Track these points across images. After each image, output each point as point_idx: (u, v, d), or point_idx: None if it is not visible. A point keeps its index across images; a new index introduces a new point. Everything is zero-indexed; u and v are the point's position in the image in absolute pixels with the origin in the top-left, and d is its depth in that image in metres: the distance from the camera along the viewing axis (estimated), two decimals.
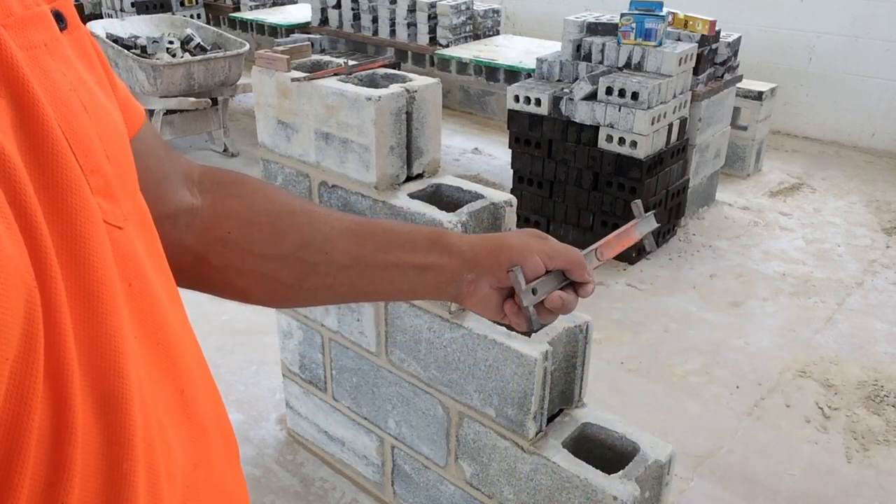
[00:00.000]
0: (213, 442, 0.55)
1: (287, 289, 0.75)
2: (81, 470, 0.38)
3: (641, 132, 3.22)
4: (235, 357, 2.77)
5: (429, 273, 0.74)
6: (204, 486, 0.53)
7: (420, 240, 0.75)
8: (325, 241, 0.74)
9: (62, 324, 0.37)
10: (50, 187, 0.38)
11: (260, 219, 0.73)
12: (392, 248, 0.74)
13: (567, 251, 0.76)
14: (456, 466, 1.79)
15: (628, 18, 3.37)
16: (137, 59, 4.11)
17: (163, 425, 0.47)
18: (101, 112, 0.47)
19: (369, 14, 5.34)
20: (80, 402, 0.38)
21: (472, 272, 0.73)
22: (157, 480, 0.44)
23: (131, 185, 0.51)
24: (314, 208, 0.77)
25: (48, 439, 0.36)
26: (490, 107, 5.61)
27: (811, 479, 2.27)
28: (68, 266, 0.38)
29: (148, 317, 0.48)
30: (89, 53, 0.51)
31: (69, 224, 0.39)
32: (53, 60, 0.43)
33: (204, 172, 0.74)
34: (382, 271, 0.74)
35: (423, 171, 1.79)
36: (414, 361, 1.80)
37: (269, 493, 2.20)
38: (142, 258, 0.48)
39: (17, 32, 0.40)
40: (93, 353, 0.39)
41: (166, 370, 0.50)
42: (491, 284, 0.74)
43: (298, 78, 1.78)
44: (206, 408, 0.55)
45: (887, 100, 4.92)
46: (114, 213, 0.45)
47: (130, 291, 0.46)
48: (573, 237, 3.65)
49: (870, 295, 3.29)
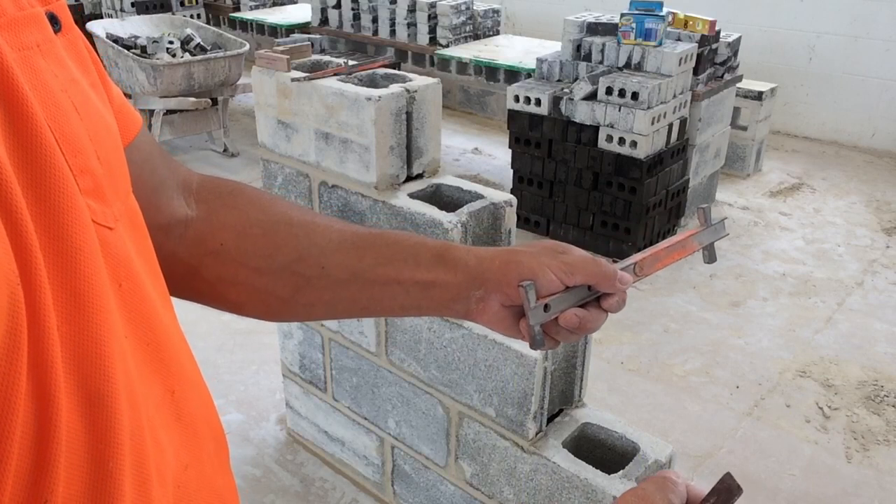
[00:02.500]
0: (203, 443, 0.55)
1: (282, 303, 0.72)
2: (66, 468, 0.38)
3: (641, 132, 3.22)
4: (235, 357, 2.77)
5: (433, 290, 0.69)
6: (195, 486, 0.53)
7: (424, 254, 0.70)
8: (322, 255, 0.70)
9: (47, 321, 0.37)
10: (37, 186, 0.38)
11: (254, 231, 0.71)
12: (393, 263, 0.70)
13: (588, 264, 0.68)
14: (456, 466, 1.79)
15: (628, 18, 3.37)
16: (137, 59, 4.10)
17: (154, 426, 0.47)
18: (92, 113, 0.47)
19: (369, 14, 5.34)
20: (65, 400, 0.38)
21: (481, 289, 0.68)
22: (146, 480, 0.44)
23: (123, 187, 0.51)
24: (314, 219, 0.74)
25: (31, 436, 0.36)
26: (490, 107, 5.61)
27: (811, 479, 2.27)
28: (54, 265, 0.38)
29: (138, 317, 0.48)
30: (83, 56, 0.51)
31: (56, 223, 0.39)
32: (46, 61, 0.43)
33: (202, 182, 0.73)
34: (383, 287, 0.70)
35: (423, 171, 1.79)
36: (414, 361, 1.80)
37: (269, 493, 2.20)
38: (132, 259, 0.48)
39: (9, 33, 0.40)
40: (78, 351, 0.39)
41: (157, 370, 0.50)
42: (501, 302, 0.68)
43: (298, 78, 1.78)
44: (197, 408, 0.55)
45: (887, 100, 4.92)
46: (104, 213, 0.45)
47: (121, 292, 0.46)
48: (573, 237, 3.65)
49: (870, 295, 3.29)
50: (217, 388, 2.58)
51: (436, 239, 0.72)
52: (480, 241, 1.64)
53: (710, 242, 0.76)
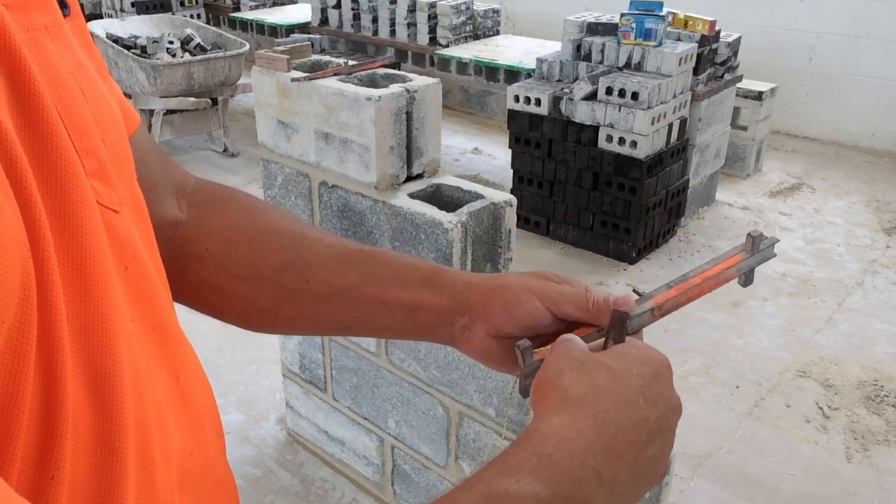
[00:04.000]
0: (206, 430, 0.55)
1: (263, 313, 0.70)
2: (72, 445, 0.38)
3: (641, 132, 3.22)
4: (235, 357, 2.77)
5: (418, 313, 0.65)
6: (199, 472, 0.53)
7: (413, 275, 0.66)
8: (307, 268, 0.67)
9: (54, 296, 0.37)
10: (43, 164, 0.38)
11: (239, 238, 0.69)
12: (379, 282, 0.66)
13: (578, 297, 0.61)
14: (456, 466, 1.79)
15: (628, 18, 3.37)
16: (137, 59, 4.11)
17: (160, 409, 0.47)
18: (98, 97, 0.47)
19: (369, 14, 5.34)
20: (72, 377, 0.38)
21: (465, 315, 0.63)
22: (150, 462, 0.44)
23: (128, 172, 0.51)
24: (303, 231, 0.71)
25: (39, 411, 0.36)
26: (490, 107, 5.61)
27: (811, 479, 2.27)
28: (60, 242, 0.39)
29: (145, 300, 0.48)
30: (90, 42, 0.51)
31: (62, 201, 0.39)
32: (53, 43, 0.43)
33: (197, 186, 0.72)
34: (367, 306, 0.66)
35: (423, 171, 1.79)
36: (414, 361, 1.80)
37: (269, 493, 2.20)
38: (137, 243, 0.48)
39: (18, 13, 0.40)
40: (85, 329, 0.40)
41: (163, 354, 0.50)
42: (487, 331, 0.63)
43: (298, 78, 1.78)
44: (200, 396, 0.55)
45: (887, 100, 4.92)
46: (109, 196, 0.45)
47: (127, 274, 0.46)
48: (573, 237, 3.65)
49: (870, 295, 3.29)
50: (217, 388, 2.58)
51: (427, 261, 0.68)
52: (480, 241, 1.64)
53: (752, 268, 0.66)
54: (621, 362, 0.53)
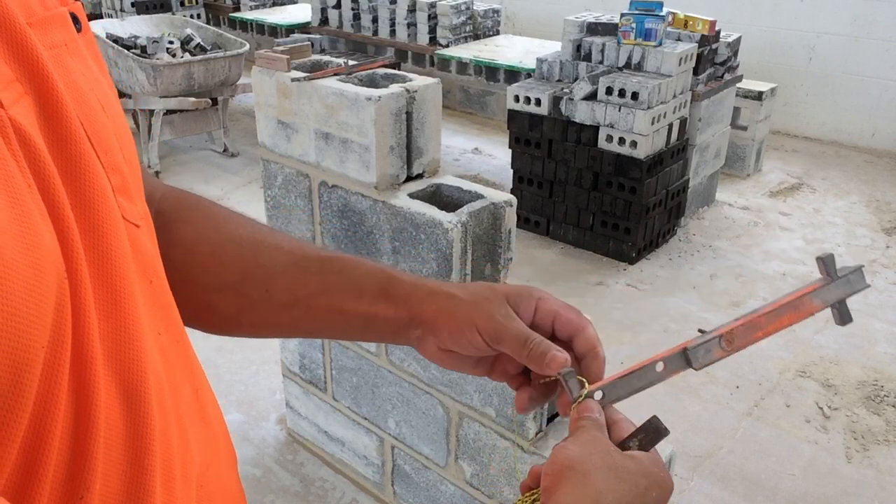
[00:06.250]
0: (220, 443, 0.56)
1: (226, 321, 0.70)
2: (104, 463, 0.38)
3: (641, 132, 3.22)
4: (235, 357, 2.77)
5: (374, 324, 0.66)
6: (214, 486, 0.53)
7: (369, 285, 0.67)
8: (267, 277, 0.68)
9: (88, 315, 0.37)
10: (74, 182, 0.39)
11: (202, 248, 0.69)
12: (336, 293, 0.67)
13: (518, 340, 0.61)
14: (456, 466, 1.79)
15: (628, 18, 3.37)
16: (137, 59, 4.10)
17: (183, 424, 0.48)
18: (116, 112, 0.48)
19: (369, 14, 5.34)
20: (104, 396, 0.38)
21: (418, 329, 0.65)
22: (171, 478, 0.44)
23: (141, 187, 0.52)
24: (264, 238, 0.71)
25: (70, 431, 0.36)
26: (490, 107, 5.61)
27: (811, 479, 2.27)
28: (92, 260, 0.39)
29: (168, 314, 0.49)
30: (100, 57, 0.52)
31: (93, 219, 0.39)
32: (73, 60, 0.44)
33: (165, 195, 0.72)
34: (325, 315, 0.68)
35: (423, 171, 1.79)
36: (414, 361, 1.80)
37: (269, 493, 2.20)
38: (157, 257, 0.49)
39: (40, 31, 0.40)
40: (116, 346, 0.40)
41: (185, 368, 0.51)
42: (438, 345, 0.65)
43: (298, 78, 1.78)
44: (213, 409, 0.56)
45: (887, 100, 4.92)
46: (131, 211, 0.46)
47: (151, 289, 0.47)
48: (573, 237, 3.65)
49: (870, 295, 3.28)
50: (217, 388, 2.58)
51: (385, 268, 0.69)
52: (480, 241, 1.64)
53: (841, 299, 0.56)
54: (645, 480, 0.55)
